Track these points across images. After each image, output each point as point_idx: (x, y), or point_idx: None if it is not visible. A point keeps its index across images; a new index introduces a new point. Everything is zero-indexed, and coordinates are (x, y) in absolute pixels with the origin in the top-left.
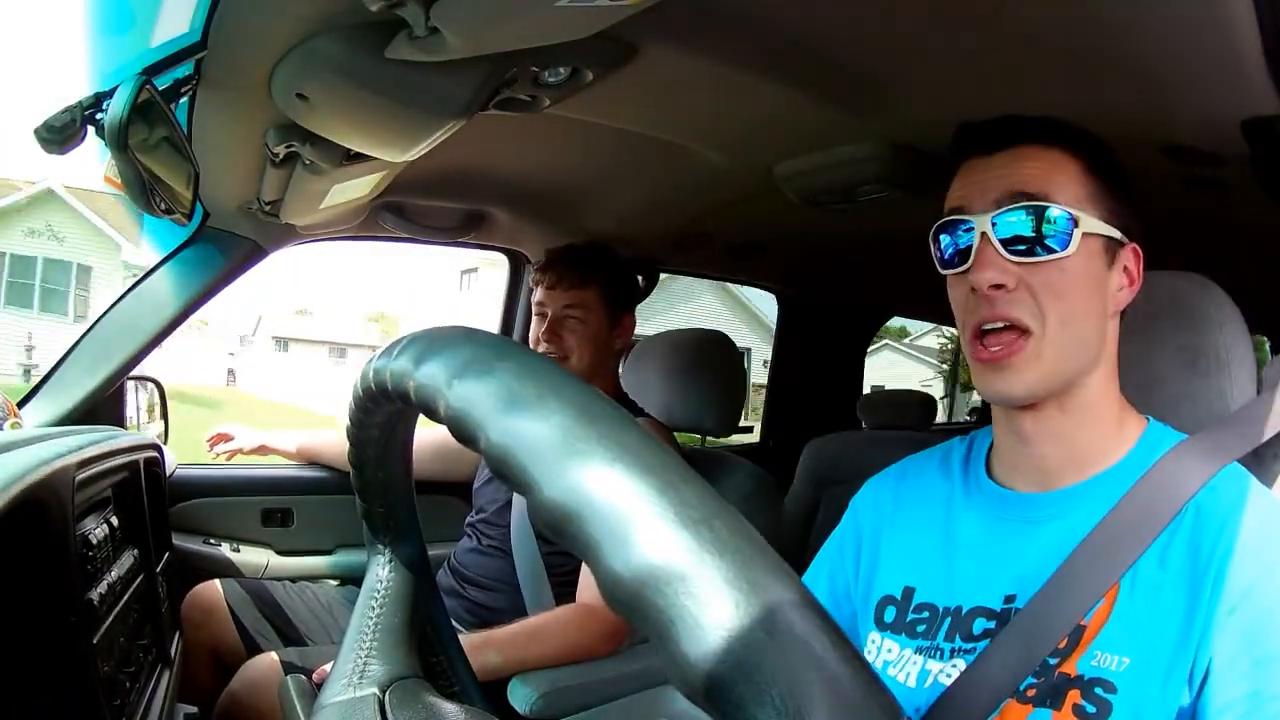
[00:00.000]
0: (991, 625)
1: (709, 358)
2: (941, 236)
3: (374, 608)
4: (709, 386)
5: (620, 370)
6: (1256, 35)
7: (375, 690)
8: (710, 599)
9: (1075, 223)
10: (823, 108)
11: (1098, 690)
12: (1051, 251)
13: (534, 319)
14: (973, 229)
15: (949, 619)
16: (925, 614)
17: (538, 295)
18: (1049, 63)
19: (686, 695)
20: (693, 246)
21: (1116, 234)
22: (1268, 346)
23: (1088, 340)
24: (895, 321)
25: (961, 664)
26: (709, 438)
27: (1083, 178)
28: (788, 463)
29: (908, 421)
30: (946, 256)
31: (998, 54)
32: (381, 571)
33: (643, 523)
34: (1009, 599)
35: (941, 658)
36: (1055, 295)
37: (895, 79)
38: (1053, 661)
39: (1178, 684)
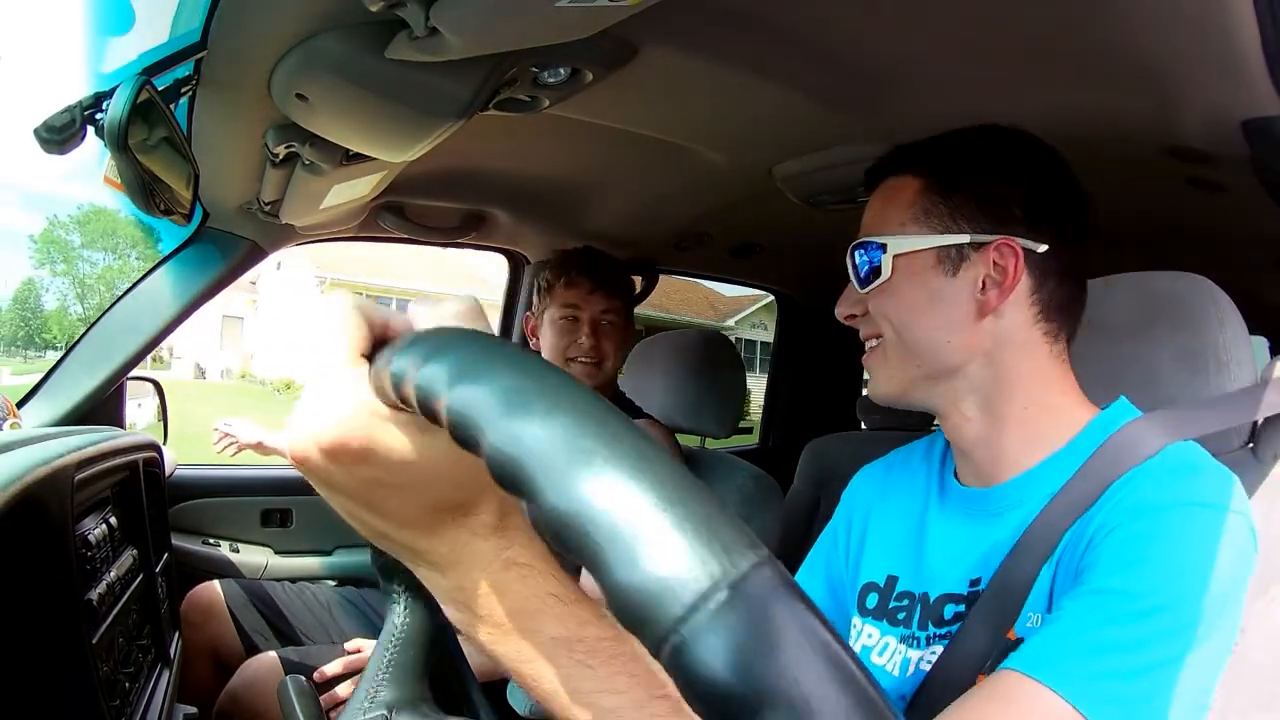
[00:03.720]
0: (961, 609)
1: (709, 359)
2: None
3: (390, 647)
4: (710, 388)
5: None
6: (1256, 36)
7: (384, 711)
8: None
9: (883, 250)
10: (823, 108)
11: None
12: (871, 283)
13: (557, 320)
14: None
15: (920, 605)
16: (905, 601)
17: (568, 297)
18: (1050, 63)
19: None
20: (692, 247)
21: (956, 240)
22: (1266, 347)
23: (935, 345)
24: None
25: (939, 649)
26: (709, 439)
27: (916, 198)
28: (787, 463)
29: (907, 421)
30: None
31: (998, 54)
32: (397, 619)
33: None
34: (974, 583)
35: (919, 645)
36: (885, 314)
37: (895, 79)
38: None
39: None
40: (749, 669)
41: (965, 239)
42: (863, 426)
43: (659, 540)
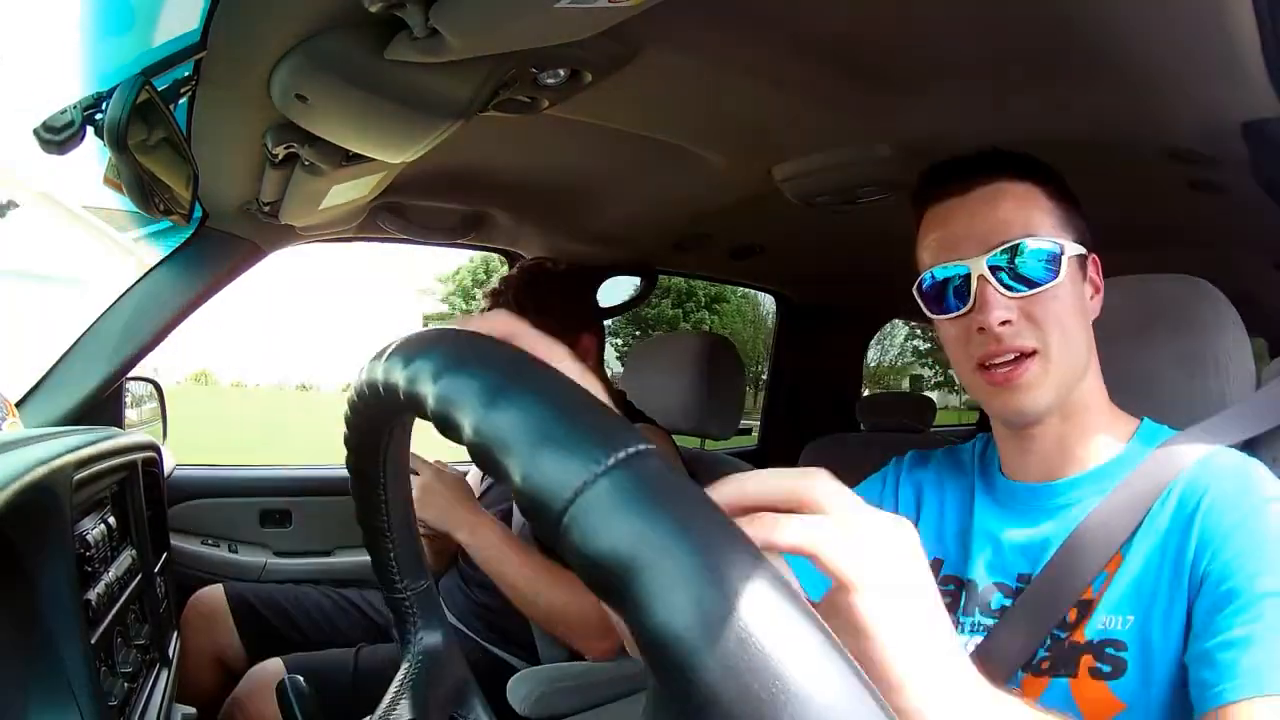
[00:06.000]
0: (1008, 602)
1: (710, 361)
2: (929, 284)
3: (404, 680)
4: (710, 390)
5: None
6: (1256, 39)
7: None
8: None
9: (1061, 251)
10: (822, 109)
11: (1109, 650)
12: (1046, 282)
13: None
14: (968, 273)
15: (965, 592)
16: (950, 586)
17: None
18: (1050, 66)
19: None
20: (692, 248)
21: (1084, 251)
22: (1267, 350)
23: (1081, 351)
24: None
25: (979, 639)
26: (709, 440)
27: (1052, 205)
28: (786, 464)
29: (905, 423)
30: (941, 300)
31: (999, 57)
32: (413, 659)
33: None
34: (1022, 578)
35: (962, 632)
36: (1054, 319)
37: (895, 81)
38: (1062, 635)
39: (1177, 625)
40: (627, 538)
41: (1084, 250)
42: (861, 428)
43: (550, 444)
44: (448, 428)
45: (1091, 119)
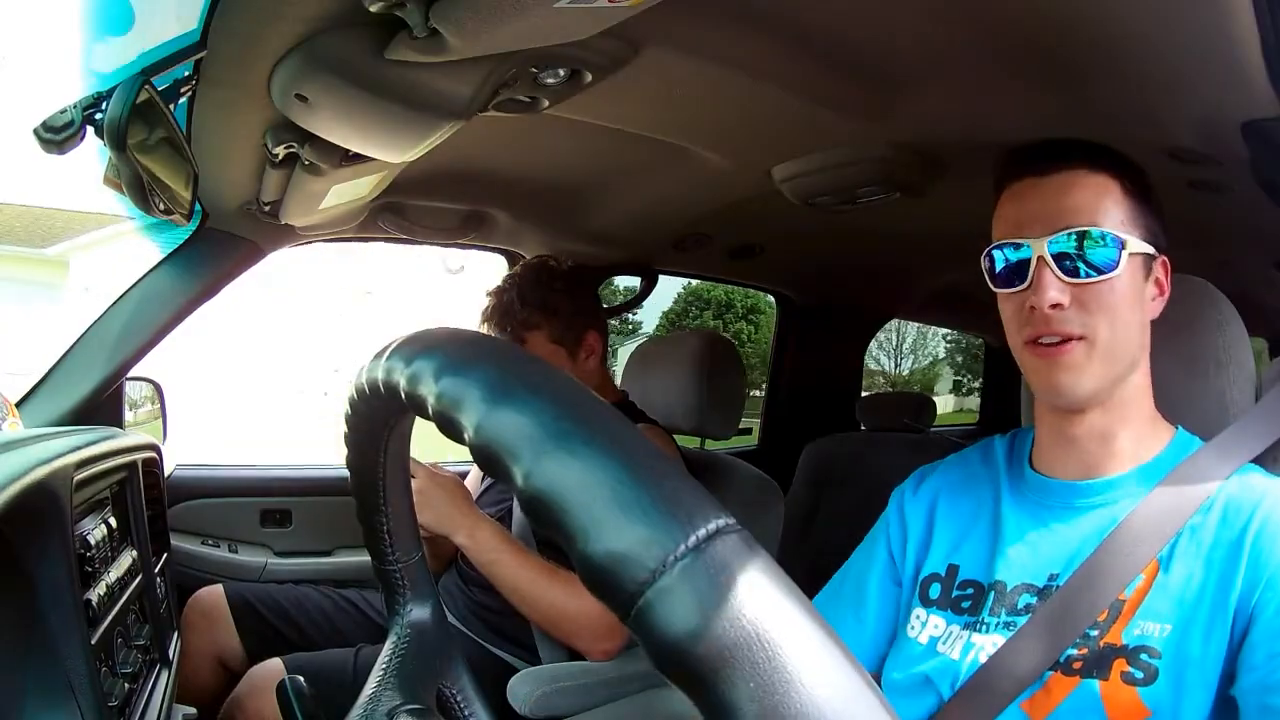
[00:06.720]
0: (1034, 601)
1: (710, 361)
2: (997, 257)
3: (392, 656)
4: (710, 390)
5: (624, 371)
6: (1257, 39)
7: (384, 716)
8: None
9: (1123, 245)
10: (822, 109)
11: (1143, 656)
12: (1103, 272)
13: None
14: (1029, 253)
15: (992, 594)
16: (970, 590)
17: None
18: (1051, 65)
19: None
20: (691, 248)
21: (1152, 250)
22: (1267, 350)
23: (1131, 346)
24: None
25: (1001, 638)
26: (709, 440)
27: (1124, 200)
28: (786, 464)
29: (906, 423)
30: (1002, 276)
31: (998, 56)
32: (400, 630)
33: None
34: (1052, 577)
35: (985, 630)
36: (1106, 309)
37: (895, 81)
38: (1094, 633)
39: (1218, 643)
40: (709, 628)
41: (1152, 250)
42: (862, 428)
43: (622, 513)
44: (495, 469)
45: (1091, 119)
